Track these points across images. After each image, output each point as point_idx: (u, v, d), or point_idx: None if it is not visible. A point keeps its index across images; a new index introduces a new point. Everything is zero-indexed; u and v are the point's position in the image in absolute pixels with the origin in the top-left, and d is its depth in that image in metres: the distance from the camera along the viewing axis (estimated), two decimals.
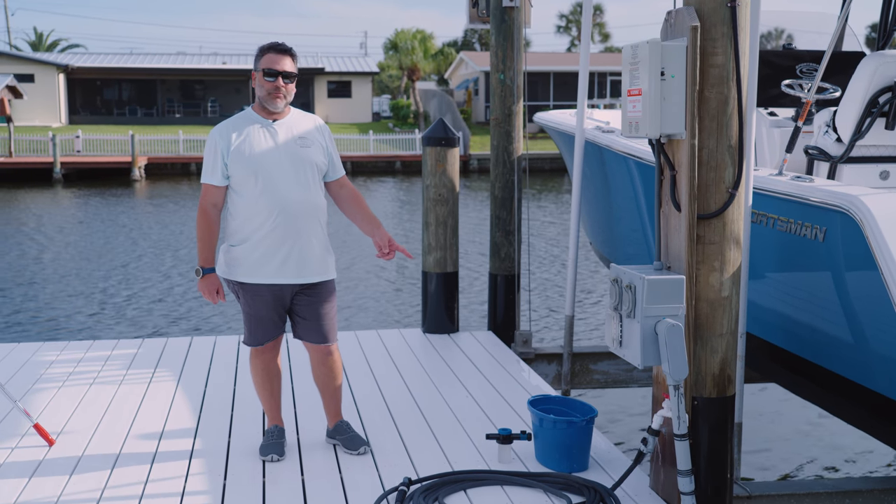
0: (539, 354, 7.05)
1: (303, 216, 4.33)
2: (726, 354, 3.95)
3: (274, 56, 4.32)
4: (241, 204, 4.32)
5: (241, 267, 4.35)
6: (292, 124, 4.42)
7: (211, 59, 53.88)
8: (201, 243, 4.37)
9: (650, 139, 3.95)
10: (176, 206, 26.56)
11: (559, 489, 4.16)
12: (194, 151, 39.79)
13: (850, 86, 5.24)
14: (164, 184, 34.76)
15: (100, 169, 36.75)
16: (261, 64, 4.32)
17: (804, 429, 7.70)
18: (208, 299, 4.38)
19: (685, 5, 3.84)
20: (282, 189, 4.28)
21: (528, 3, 7.15)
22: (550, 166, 37.13)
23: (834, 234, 4.26)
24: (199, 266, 4.36)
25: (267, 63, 4.31)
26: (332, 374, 4.63)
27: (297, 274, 4.37)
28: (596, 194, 7.36)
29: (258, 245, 4.31)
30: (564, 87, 48.25)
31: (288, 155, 4.32)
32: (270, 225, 4.28)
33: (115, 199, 28.73)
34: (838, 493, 4.52)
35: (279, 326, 4.51)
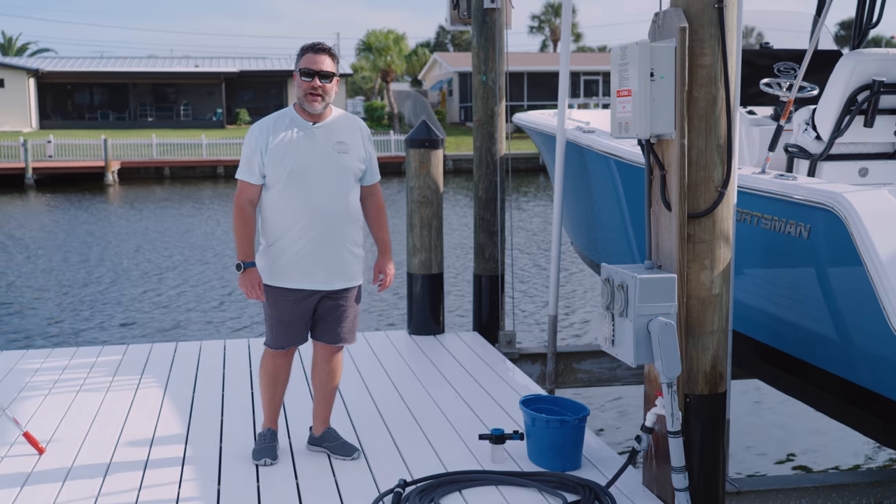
0: (523, 354, 7.08)
1: (335, 223, 4.30)
2: (717, 352, 4.01)
3: (312, 56, 4.25)
4: (273, 205, 4.30)
5: (268, 269, 4.33)
6: (332, 127, 4.35)
7: (183, 63, 53.60)
8: (239, 239, 4.32)
9: (640, 139, 3.99)
10: (151, 211, 26.39)
11: (553, 488, 4.19)
12: (168, 155, 39.59)
13: (829, 84, 5.31)
14: (138, 188, 34.53)
15: (72, 174, 36.45)
16: (300, 63, 4.27)
17: (788, 424, 7.78)
18: (249, 295, 4.32)
19: (673, 6, 3.88)
20: (315, 194, 4.26)
21: (510, 5, 7.19)
22: (525, 166, 37.22)
23: (818, 231, 4.32)
24: (238, 261, 4.31)
25: (305, 63, 4.24)
26: (334, 374, 4.63)
27: (325, 281, 4.35)
28: (577, 194, 7.41)
29: (287, 248, 4.29)
30: (539, 88, 48.42)
31: (325, 160, 4.28)
32: (301, 229, 4.27)
33: (90, 204, 28.51)
34: (825, 488, 4.59)
35: (302, 334, 4.48)
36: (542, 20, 72.59)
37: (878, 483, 4.66)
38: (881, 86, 5.09)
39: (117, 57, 55.00)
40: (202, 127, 47.37)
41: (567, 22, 6.50)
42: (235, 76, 50.55)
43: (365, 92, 67.07)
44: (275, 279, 4.34)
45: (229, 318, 12.40)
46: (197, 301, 13.57)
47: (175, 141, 40.46)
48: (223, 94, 50.56)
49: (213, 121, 49.72)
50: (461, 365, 6.39)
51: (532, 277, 15.00)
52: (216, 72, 50.54)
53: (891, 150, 5.40)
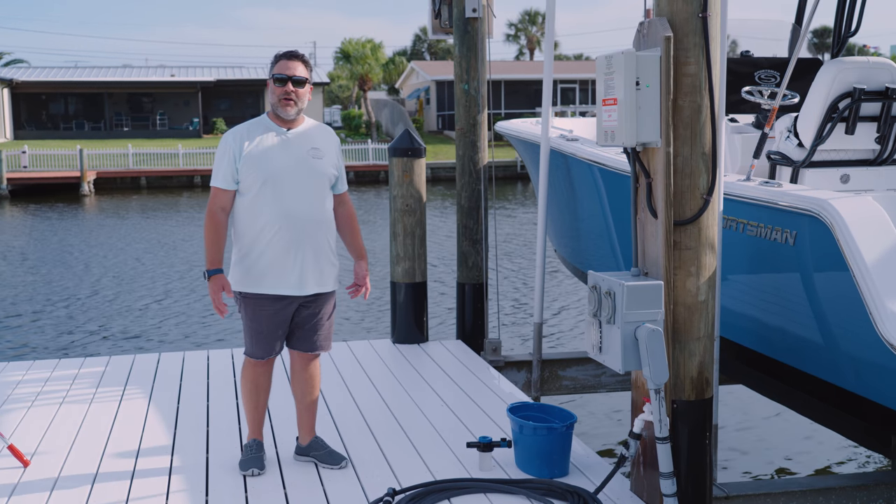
0: (509, 362, 7.10)
1: (310, 227, 4.32)
2: (704, 358, 4.03)
3: (285, 62, 4.32)
4: (248, 211, 4.30)
5: (245, 277, 4.33)
6: (306, 134, 4.40)
7: (159, 72, 53.34)
8: (209, 245, 4.31)
9: (625, 148, 4.02)
10: (128, 221, 26.23)
11: (542, 495, 4.20)
12: (144, 165, 39.36)
13: (811, 92, 5.37)
14: (114, 198, 34.31)
15: (48, 184, 36.15)
16: (273, 70, 4.33)
17: (773, 429, 7.84)
18: (213, 303, 4.31)
19: (657, 16, 3.92)
20: (291, 199, 4.27)
21: (491, 14, 7.22)
22: (504, 174, 37.32)
23: (804, 237, 4.37)
24: (206, 269, 4.31)
25: (278, 69, 4.31)
26: (313, 382, 4.63)
27: (301, 286, 4.35)
28: (560, 202, 7.45)
29: (262, 255, 4.29)
30: (515, 96, 48.60)
31: (300, 165, 4.31)
32: (277, 234, 4.27)
33: (66, 215, 28.30)
34: (812, 491, 4.63)
35: (280, 343, 4.49)
36: (519, 28, 72.91)
37: (863, 486, 4.70)
38: (862, 93, 5.16)
39: (92, 66, 54.60)
40: (178, 136, 47.18)
41: (550, 32, 6.53)
42: (212, 85, 50.39)
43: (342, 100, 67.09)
44: (252, 286, 4.33)
45: (212, 328, 12.34)
46: (179, 311, 13.50)
47: (151, 151, 40.25)
48: (199, 104, 50.36)
49: (190, 130, 49.52)
50: (446, 373, 6.39)
51: (516, 285, 15.03)
52: (192, 81, 50.35)
53: (871, 156, 5.46)
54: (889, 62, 5.29)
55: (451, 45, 32.42)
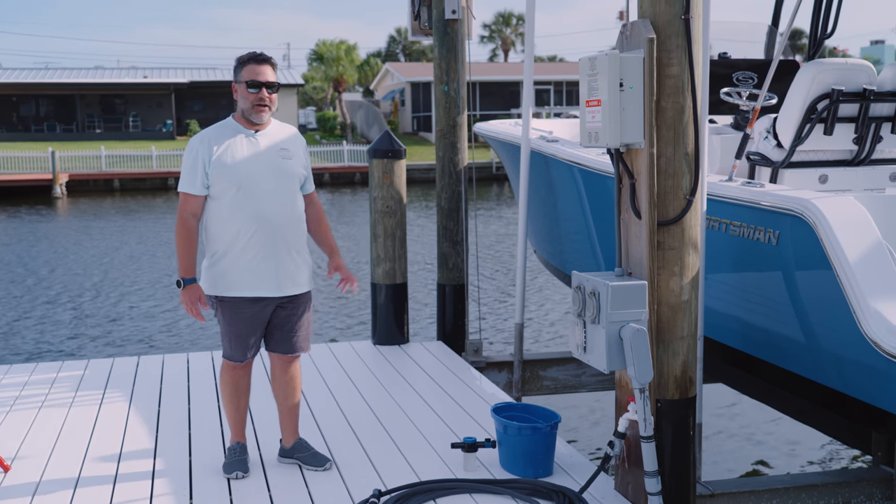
0: (490, 363, 7.11)
1: (283, 228, 4.31)
2: (687, 357, 4.06)
3: (255, 67, 4.28)
4: (219, 214, 4.28)
5: (220, 281, 4.31)
6: (274, 135, 4.39)
7: (131, 73, 52.99)
8: (182, 254, 4.29)
9: (609, 149, 4.04)
10: (102, 223, 26.02)
11: (528, 495, 4.21)
12: (117, 167, 39.07)
13: (790, 93, 5.41)
14: (87, 200, 34.02)
15: (19, 187, 35.75)
16: (242, 76, 4.29)
17: (755, 427, 7.90)
18: (190, 313, 4.30)
19: (640, 18, 3.94)
20: (263, 201, 4.26)
21: (471, 16, 7.23)
22: (480, 175, 37.33)
23: (787, 237, 4.41)
24: (179, 277, 4.29)
25: (249, 75, 4.27)
26: (294, 384, 4.62)
27: (277, 287, 4.34)
28: (540, 203, 7.46)
29: (238, 258, 4.27)
30: (490, 98, 48.66)
31: (271, 167, 4.30)
32: (250, 237, 4.25)
33: (38, 218, 28.03)
34: (795, 489, 4.67)
35: (258, 345, 4.48)
36: (493, 30, 73.04)
37: (846, 483, 4.75)
38: (840, 94, 5.20)
39: (63, 68, 54.13)
40: (152, 138, 46.87)
41: (530, 33, 6.55)
42: (185, 87, 50.11)
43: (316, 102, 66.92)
44: (229, 290, 4.32)
45: (193, 331, 12.27)
46: (158, 315, 13.41)
47: (124, 153, 39.95)
48: (173, 105, 50.07)
49: (163, 132, 49.21)
50: (427, 374, 6.39)
51: (497, 286, 15.05)
52: (165, 82, 50.06)
53: (849, 157, 5.52)
54: (867, 64, 5.34)
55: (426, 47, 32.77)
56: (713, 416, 7.98)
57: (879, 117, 5.40)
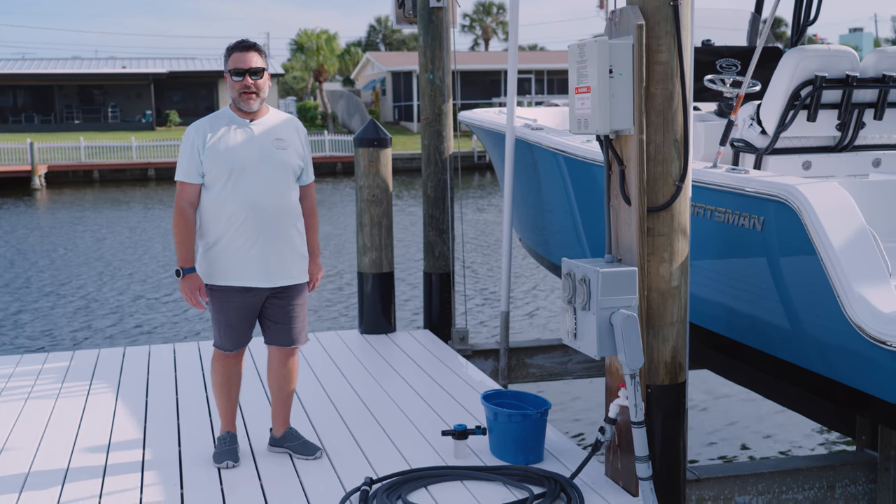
0: (476, 351, 7.12)
1: (275, 218, 4.30)
2: (677, 342, 4.09)
3: (239, 55, 4.28)
4: (212, 203, 4.27)
5: (210, 269, 4.30)
6: (270, 124, 4.37)
7: (110, 64, 52.56)
8: (180, 242, 4.28)
9: (598, 135, 4.05)
10: (82, 214, 25.85)
11: (519, 481, 4.23)
12: (96, 158, 38.78)
13: (774, 80, 5.44)
14: (66, 192, 33.78)
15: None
16: (228, 64, 4.29)
17: (739, 413, 7.97)
18: (190, 302, 4.30)
19: (629, 4, 3.95)
20: (255, 190, 4.24)
21: (455, 3, 7.22)
22: (463, 164, 37.35)
23: (771, 222, 4.44)
24: (178, 267, 4.28)
25: (233, 63, 4.27)
26: (290, 376, 4.62)
27: (268, 277, 4.33)
28: (525, 191, 7.48)
29: (228, 246, 4.26)
30: (471, 87, 48.59)
31: (264, 156, 4.28)
32: (241, 226, 4.24)
33: (17, 209, 27.81)
34: (780, 473, 4.72)
35: (248, 334, 4.48)
36: (474, 19, 72.93)
37: (829, 467, 4.81)
38: (823, 81, 5.23)
39: (41, 58, 53.67)
40: (131, 129, 46.54)
41: (514, 21, 6.55)
42: (164, 77, 49.78)
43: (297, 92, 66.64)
44: (219, 279, 4.31)
45: (177, 322, 12.23)
46: (144, 305, 13.36)
47: (104, 143, 39.65)
48: (152, 96, 49.71)
49: (143, 122, 48.89)
50: (415, 362, 6.40)
51: (483, 274, 15.07)
52: (144, 73, 49.70)
53: (832, 143, 5.55)
54: (850, 50, 5.37)
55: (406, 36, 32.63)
56: (699, 402, 8.04)
57: (862, 103, 5.43)
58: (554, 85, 50.90)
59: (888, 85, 5.35)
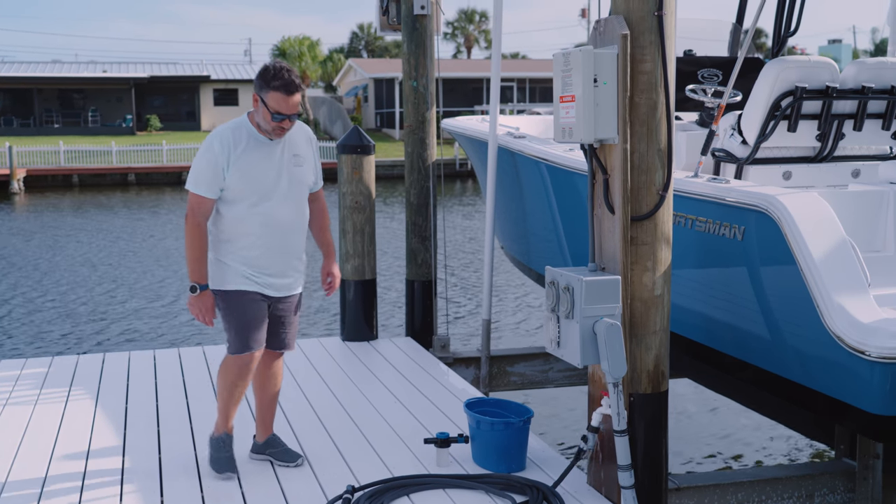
0: (458, 358, 7.12)
1: (290, 233, 4.32)
2: (660, 351, 4.10)
3: (285, 98, 4.11)
4: (231, 215, 4.23)
5: (226, 277, 4.26)
6: (288, 141, 4.33)
7: (90, 68, 52.29)
8: (196, 258, 4.22)
9: (583, 144, 4.06)
10: (62, 218, 25.68)
11: (501, 489, 4.23)
12: (76, 162, 38.53)
13: (755, 90, 5.48)
14: (45, 196, 33.52)
15: None
16: (268, 101, 4.11)
17: (718, 422, 7.99)
18: (200, 319, 4.24)
19: (613, 14, 3.97)
20: (275, 206, 4.25)
21: (440, 11, 7.24)
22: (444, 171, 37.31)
23: (752, 232, 4.47)
24: (193, 283, 4.21)
25: (275, 104, 4.11)
26: (277, 378, 4.63)
27: (279, 289, 4.37)
28: (508, 199, 7.49)
29: (244, 257, 4.26)
30: (453, 94, 48.61)
31: (283, 174, 4.27)
32: (258, 239, 4.24)
33: None
34: (760, 482, 4.74)
35: (264, 337, 4.41)
36: (456, 27, 73.06)
37: (809, 476, 4.83)
38: (803, 92, 5.27)
39: (20, 62, 53.29)
40: (111, 133, 46.27)
41: (498, 31, 6.57)
42: (145, 81, 49.54)
43: None
44: (234, 284, 4.28)
45: (155, 329, 12.16)
46: (124, 311, 13.27)
47: (84, 148, 39.40)
48: (133, 100, 49.45)
49: (123, 127, 48.60)
50: (397, 370, 6.39)
51: (465, 282, 15.08)
52: (125, 77, 49.45)
53: (812, 153, 5.60)
54: (830, 61, 5.42)
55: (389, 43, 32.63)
56: (678, 411, 8.06)
57: (842, 114, 5.48)
58: (536, 93, 51.03)
59: (867, 96, 5.40)
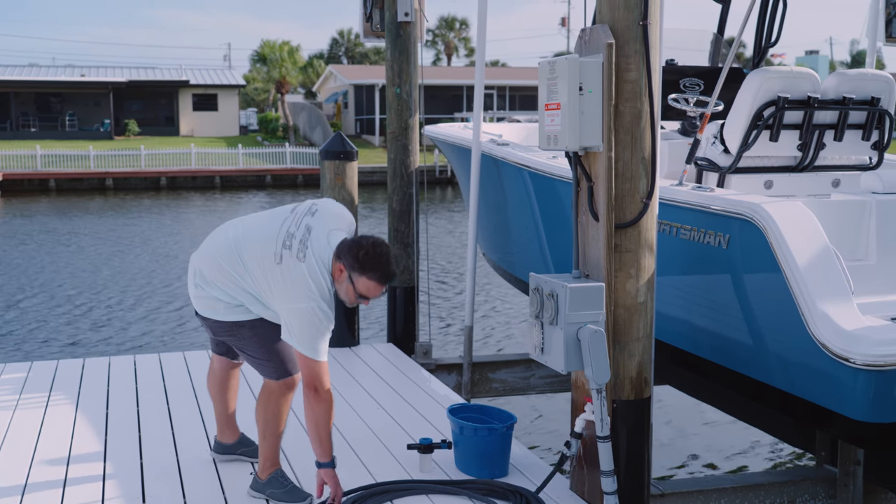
0: (440, 365, 7.13)
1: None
2: (642, 358, 4.13)
3: (377, 286, 3.88)
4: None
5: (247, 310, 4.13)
6: None
7: (68, 72, 51.98)
8: (328, 435, 4.03)
9: (567, 152, 4.08)
10: (39, 222, 25.49)
11: (484, 495, 4.23)
12: (53, 167, 38.32)
13: (737, 100, 5.52)
14: (22, 200, 33.29)
15: None
16: (359, 286, 3.86)
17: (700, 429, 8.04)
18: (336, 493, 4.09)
19: (599, 23, 4.00)
20: None
21: (423, 18, 7.25)
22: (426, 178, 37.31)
23: (737, 240, 4.50)
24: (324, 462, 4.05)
25: (365, 289, 3.86)
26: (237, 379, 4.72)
27: None
28: (490, 206, 7.51)
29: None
30: (433, 101, 48.67)
31: None
32: None
33: None
34: (742, 488, 4.77)
35: None
36: (436, 34, 73.16)
37: (791, 482, 4.87)
38: (785, 102, 5.32)
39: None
40: (89, 138, 45.99)
41: (482, 38, 6.59)
42: (124, 86, 49.31)
43: (258, 103, 66.35)
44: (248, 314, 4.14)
45: (138, 334, 12.09)
46: (103, 316, 13.19)
47: (61, 152, 39.20)
48: (111, 105, 49.20)
49: (101, 131, 48.33)
50: (379, 376, 6.39)
51: (447, 288, 15.08)
52: (104, 81, 49.19)
53: (793, 163, 5.65)
54: (811, 72, 5.47)
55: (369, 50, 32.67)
56: (661, 418, 8.10)
57: (823, 125, 5.53)
58: (516, 101, 51.19)
59: (848, 107, 5.46)
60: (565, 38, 48.83)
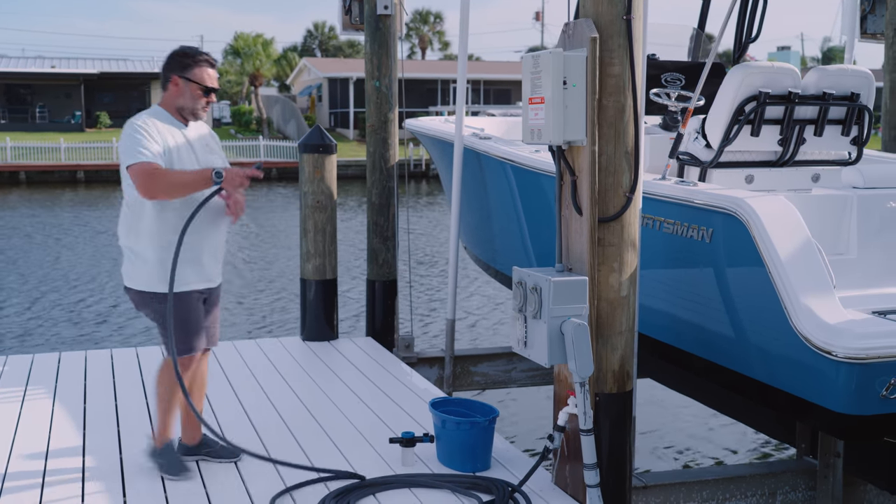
0: (421, 358, 7.12)
1: (213, 221, 4.30)
2: (625, 351, 4.14)
3: (208, 71, 4.27)
4: (160, 209, 4.17)
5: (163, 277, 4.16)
6: (197, 130, 4.39)
7: (38, 63, 51.36)
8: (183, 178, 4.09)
9: (551, 146, 4.08)
10: (9, 215, 25.21)
11: (467, 489, 4.23)
12: (23, 159, 37.91)
13: (719, 95, 5.54)
14: None
15: None
16: (194, 76, 4.23)
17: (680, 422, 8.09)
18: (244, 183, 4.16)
19: (583, 17, 3.99)
20: (197, 194, 4.19)
21: (403, 12, 7.23)
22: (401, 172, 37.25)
23: (720, 234, 4.52)
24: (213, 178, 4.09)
25: (200, 78, 4.24)
26: (204, 379, 4.65)
27: (210, 278, 4.37)
28: (472, 199, 7.50)
29: (181, 251, 4.15)
30: (409, 95, 48.34)
31: (199, 159, 4.27)
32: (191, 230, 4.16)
33: None
34: (724, 480, 4.80)
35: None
36: (411, 28, 72.98)
37: (771, 474, 4.91)
38: (767, 97, 5.35)
39: None
40: (60, 130, 45.50)
41: (464, 32, 6.58)
42: (95, 78, 48.82)
43: (231, 96, 65.91)
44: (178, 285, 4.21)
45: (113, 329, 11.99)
46: (76, 310, 13.06)
47: (31, 144, 38.77)
48: (82, 97, 48.71)
49: (72, 124, 47.83)
50: (359, 370, 6.37)
51: (427, 282, 15.06)
52: (75, 73, 48.68)
53: (774, 158, 5.68)
54: (792, 67, 5.51)
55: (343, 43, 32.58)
56: (643, 411, 8.14)
57: (803, 120, 5.57)
58: (490, 95, 51.18)
59: (828, 102, 5.49)
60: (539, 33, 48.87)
